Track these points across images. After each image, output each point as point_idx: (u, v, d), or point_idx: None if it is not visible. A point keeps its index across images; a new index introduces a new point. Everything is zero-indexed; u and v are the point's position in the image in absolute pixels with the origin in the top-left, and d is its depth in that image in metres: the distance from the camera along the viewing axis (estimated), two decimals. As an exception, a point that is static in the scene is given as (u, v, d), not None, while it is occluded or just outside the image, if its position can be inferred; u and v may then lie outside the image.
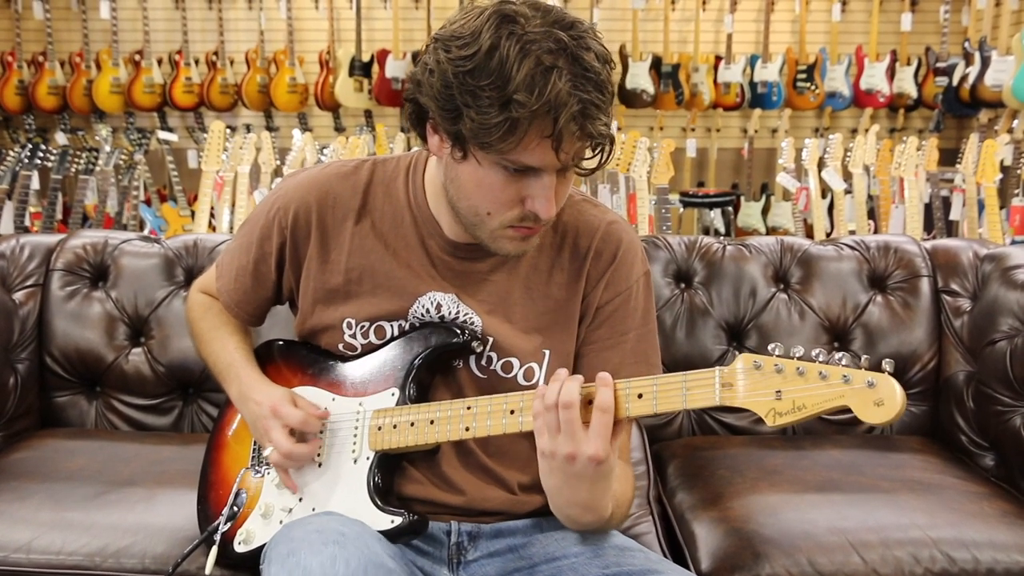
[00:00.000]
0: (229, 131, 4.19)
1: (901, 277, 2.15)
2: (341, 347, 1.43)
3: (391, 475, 1.38)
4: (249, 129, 5.83)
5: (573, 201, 1.44)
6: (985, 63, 5.43)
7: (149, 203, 5.36)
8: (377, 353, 1.41)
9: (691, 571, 1.58)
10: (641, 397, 1.19)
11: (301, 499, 1.39)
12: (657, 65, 5.91)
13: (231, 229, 3.95)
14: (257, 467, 1.45)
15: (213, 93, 5.93)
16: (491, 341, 1.39)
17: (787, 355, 1.11)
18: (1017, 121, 5.31)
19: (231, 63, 6.01)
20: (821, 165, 4.49)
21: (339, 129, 6.15)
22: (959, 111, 5.85)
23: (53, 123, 6.10)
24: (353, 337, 1.42)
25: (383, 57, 5.90)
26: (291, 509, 1.39)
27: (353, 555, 1.16)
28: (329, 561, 1.15)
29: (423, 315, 1.40)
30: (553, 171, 1.23)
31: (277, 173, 4.21)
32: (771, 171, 5.86)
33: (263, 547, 1.36)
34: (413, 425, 1.33)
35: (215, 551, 1.41)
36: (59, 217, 4.66)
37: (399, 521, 1.31)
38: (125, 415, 2.09)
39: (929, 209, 4.43)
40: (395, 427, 1.34)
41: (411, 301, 1.40)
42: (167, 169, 5.34)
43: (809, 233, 4.48)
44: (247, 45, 6.04)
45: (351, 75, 5.93)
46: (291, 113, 6.09)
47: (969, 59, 5.57)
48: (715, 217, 5.31)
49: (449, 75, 1.17)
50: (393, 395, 1.37)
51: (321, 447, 1.39)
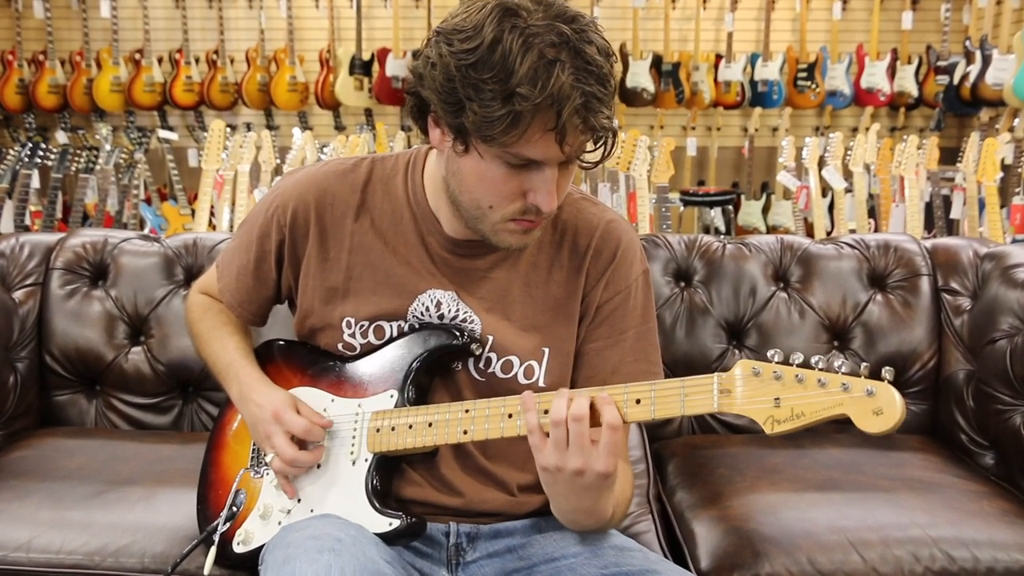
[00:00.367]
0: (229, 130, 4.19)
1: (901, 276, 2.14)
2: (340, 347, 1.43)
3: (389, 477, 1.38)
4: (249, 128, 5.83)
5: (572, 199, 1.44)
6: (986, 62, 5.43)
7: (149, 202, 5.35)
8: (376, 354, 1.41)
9: (691, 570, 1.58)
10: (639, 403, 1.18)
11: (299, 500, 1.39)
12: (657, 64, 5.91)
13: (231, 228, 3.95)
14: (256, 467, 1.45)
15: (213, 92, 5.93)
16: (490, 340, 1.39)
17: (786, 361, 1.10)
18: (1018, 120, 5.30)
19: (231, 62, 6.01)
20: (821, 164, 4.49)
21: (339, 128, 6.15)
22: (960, 110, 5.85)
23: (53, 122, 6.10)
24: (352, 337, 1.42)
25: (383, 56, 5.90)
26: (290, 510, 1.39)
27: (349, 563, 1.16)
28: (324, 570, 1.14)
29: (423, 314, 1.40)
30: (555, 164, 1.23)
31: (277, 172, 4.21)
32: (771, 170, 5.86)
33: (262, 547, 1.36)
34: (411, 427, 1.33)
35: (214, 551, 1.41)
36: (59, 216, 4.65)
37: (397, 523, 1.31)
38: (125, 414, 2.09)
39: (929, 208, 4.42)
40: (393, 429, 1.34)
41: (411, 299, 1.40)
42: (167, 168, 5.34)
43: (809, 232, 4.47)
44: (247, 44, 6.04)
45: (351, 74, 5.93)
46: (291, 112, 6.09)
47: (970, 58, 5.56)
48: (715, 216, 5.31)
49: (451, 68, 1.17)
50: (392, 397, 1.37)
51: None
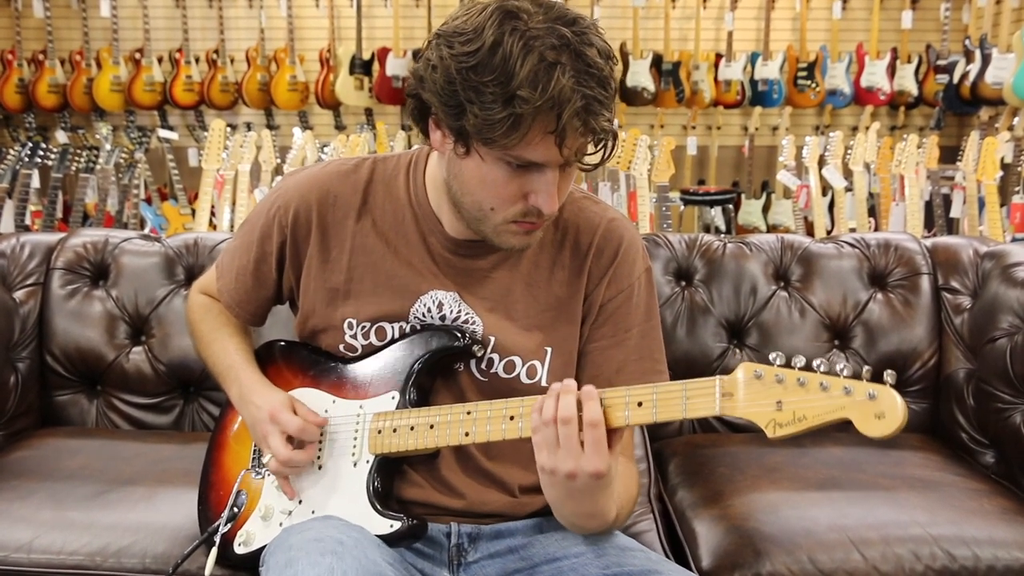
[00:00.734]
0: (229, 129, 4.19)
1: (901, 275, 2.15)
2: (342, 347, 1.43)
3: (391, 479, 1.38)
4: (249, 127, 5.84)
5: (574, 199, 1.44)
6: (986, 61, 5.43)
7: (150, 201, 5.35)
8: (378, 356, 1.41)
9: (692, 569, 1.58)
10: (641, 405, 1.18)
11: (301, 501, 1.38)
12: (658, 63, 5.91)
13: (232, 227, 3.95)
14: (257, 468, 1.45)
15: (213, 91, 5.92)
16: (492, 341, 1.39)
17: (788, 364, 1.10)
18: (1018, 119, 5.30)
19: (231, 61, 6.01)
20: (822, 163, 4.49)
21: (339, 127, 6.15)
22: (960, 109, 5.85)
23: (53, 121, 6.10)
24: (354, 338, 1.42)
25: (384, 55, 5.90)
26: (291, 511, 1.39)
27: (351, 566, 1.16)
28: (326, 572, 1.14)
29: (424, 315, 1.40)
30: (556, 166, 1.23)
31: (277, 171, 4.21)
32: (772, 169, 5.86)
33: (263, 549, 1.36)
34: (413, 429, 1.33)
35: (215, 552, 1.41)
36: (59, 216, 4.65)
37: (398, 525, 1.31)
38: (126, 414, 2.09)
39: (929, 207, 4.42)
40: (395, 431, 1.34)
41: (413, 300, 1.40)
42: (167, 167, 5.34)
43: (810, 231, 4.47)
44: (247, 43, 6.04)
45: (351, 73, 5.93)
46: (291, 111, 6.09)
47: (970, 57, 5.57)
48: (716, 215, 5.31)
49: (452, 71, 1.17)
50: (393, 398, 1.37)
51: (320, 451, 1.39)
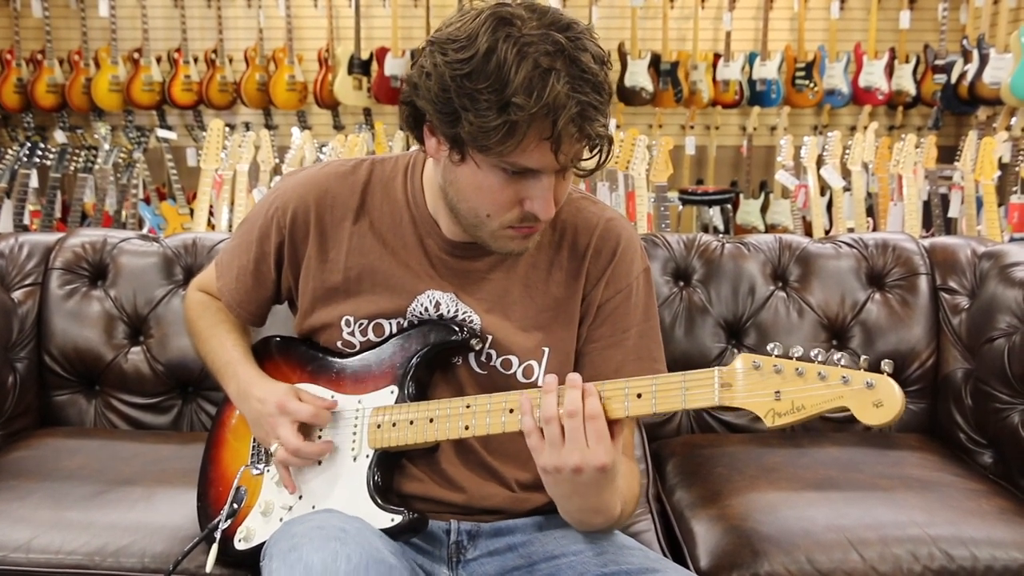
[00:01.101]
0: (228, 129, 4.19)
1: (899, 275, 2.15)
2: (340, 344, 1.43)
3: (391, 473, 1.38)
4: (248, 127, 5.83)
5: (571, 199, 1.44)
6: (983, 60, 5.44)
7: (148, 201, 5.35)
8: (376, 350, 1.41)
9: (690, 569, 1.58)
10: (640, 397, 1.18)
11: (301, 497, 1.39)
12: (656, 63, 5.91)
13: (230, 227, 3.95)
14: (257, 464, 1.46)
15: (212, 91, 5.92)
16: (490, 339, 1.39)
17: (786, 355, 1.11)
18: (1015, 118, 5.31)
19: (230, 61, 6.01)
20: (820, 163, 4.50)
21: (338, 127, 6.15)
22: (957, 108, 5.85)
23: (52, 121, 6.09)
24: (352, 335, 1.42)
25: (382, 55, 5.90)
26: (291, 507, 1.39)
27: (355, 551, 1.16)
28: (331, 557, 1.15)
29: (422, 314, 1.40)
30: (551, 172, 1.23)
31: (276, 171, 4.21)
32: (770, 169, 5.86)
33: (263, 544, 1.36)
34: (412, 423, 1.33)
35: (215, 549, 1.41)
36: (58, 215, 4.65)
37: (399, 519, 1.31)
38: (124, 414, 2.09)
39: (927, 207, 4.43)
40: (394, 425, 1.34)
41: (410, 300, 1.40)
42: (166, 167, 5.34)
43: (808, 231, 4.48)
44: (246, 43, 6.04)
45: (350, 73, 5.93)
46: (290, 111, 6.09)
47: (967, 56, 5.57)
48: (714, 215, 5.31)
49: (446, 78, 1.17)
50: (392, 393, 1.38)
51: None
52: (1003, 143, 4.61)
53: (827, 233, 4.50)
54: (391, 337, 1.41)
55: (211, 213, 4.00)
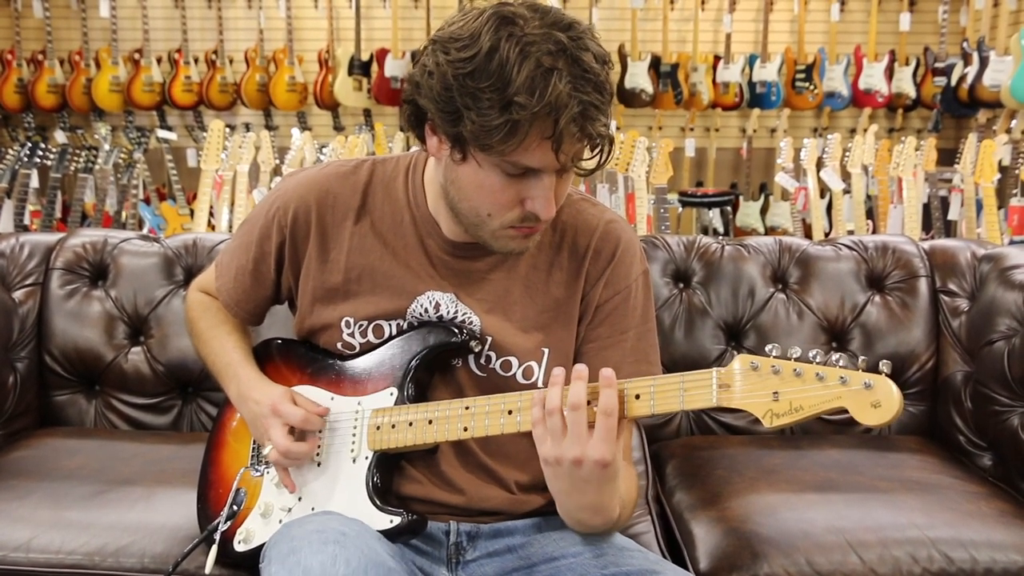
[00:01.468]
0: (228, 130, 4.19)
1: (899, 277, 2.15)
2: (339, 346, 1.44)
3: (390, 475, 1.38)
4: (248, 128, 5.83)
5: (571, 200, 1.44)
6: (983, 63, 5.44)
7: (148, 202, 5.35)
8: (375, 352, 1.41)
9: (690, 571, 1.58)
10: (639, 398, 1.19)
11: (300, 498, 1.39)
12: (656, 65, 5.91)
13: (230, 228, 3.95)
14: (256, 466, 1.46)
15: (212, 92, 5.92)
16: (490, 340, 1.39)
17: (784, 356, 1.11)
18: (1015, 121, 5.31)
19: (230, 62, 6.01)
20: (820, 165, 4.50)
21: (338, 128, 6.15)
22: (957, 111, 5.86)
23: (52, 121, 6.09)
24: (351, 336, 1.43)
25: (382, 56, 5.90)
26: (290, 508, 1.39)
27: (354, 554, 1.17)
28: (330, 560, 1.15)
29: (422, 314, 1.40)
30: (552, 172, 1.23)
31: (276, 172, 4.21)
32: (770, 171, 5.86)
33: (263, 546, 1.36)
34: (411, 425, 1.33)
35: (215, 550, 1.41)
36: (58, 216, 4.65)
37: (398, 521, 1.31)
38: (124, 414, 2.09)
39: (927, 209, 4.43)
40: (394, 427, 1.34)
41: (410, 300, 1.40)
42: (166, 168, 5.34)
43: (807, 233, 4.48)
44: (246, 44, 6.04)
45: (350, 74, 5.93)
46: (290, 112, 6.09)
47: (967, 59, 5.57)
48: (714, 217, 5.31)
49: (449, 77, 1.17)
50: (392, 394, 1.38)
51: (320, 446, 1.40)
52: (1003, 146, 4.62)
53: (827, 235, 4.50)
54: (391, 339, 1.41)
55: (211, 214, 4.00)
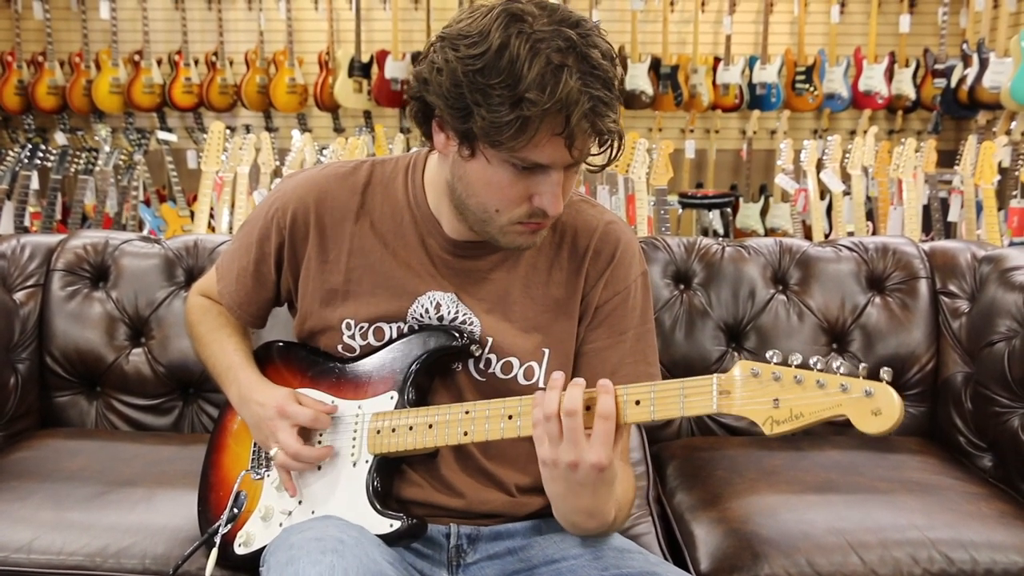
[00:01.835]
0: (228, 131, 4.19)
1: (899, 279, 2.15)
2: (340, 348, 1.43)
3: (390, 478, 1.38)
4: (248, 130, 5.84)
5: (571, 201, 1.44)
6: (983, 65, 5.44)
7: (148, 203, 5.36)
8: (376, 356, 1.41)
9: (690, 572, 1.58)
10: (639, 404, 1.18)
11: (300, 502, 1.39)
12: (656, 66, 5.92)
13: (231, 230, 3.95)
14: (257, 469, 1.46)
15: (212, 93, 5.93)
16: (490, 341, 1.39)
17: (785, 362, 1.10)
18: (1015, 123, 5.32)
19: (230, 64, 6.01)
20: (820, 166, 4.50)
21: (338, 130, 6.15)
22: (957, 113, 5.86)
23: (52, 123, 6.10)
24: (352, 338, 1.43)
25: (382, 58, 5.91)
26: (291, 512, 1.39)
27: (352, 564, 1.16)
28: (328, 570, 1.15)
29: (422, 315, 1.40)
30: (561, 168, 1.24)
31: (276, 174, 4.22)
32: (770, 172, 5.87)
33: (263, 549, 1.36)
34: (412, 429, 1.33)
35: (215, 553, 1.41)
36: (58, 217, 4.66)
37: (398, 525, 1.31)
38: (125, 415, 2.09)
39: (927, 211, 4.43)
40: (394, 431, 1.34)
41: (410, 301, 1.40)
42: (166, 169, 5.35)
43: (808, 234, 4.48)
44: (246, 46, 6.05)
45: (350, 76, 5.94)
46: (290, 114, 6.09)
47: (967, 61, 5.58)
48: (714, 218, 5.32)
49: (459, 73, 1.18)
50: (392, 398, 1.38)
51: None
52: (1003, 147, 4.62)
53: (827, 237, 4.51)
54: (391, 342, 1.41)
55: (211, 215, 4.00)
